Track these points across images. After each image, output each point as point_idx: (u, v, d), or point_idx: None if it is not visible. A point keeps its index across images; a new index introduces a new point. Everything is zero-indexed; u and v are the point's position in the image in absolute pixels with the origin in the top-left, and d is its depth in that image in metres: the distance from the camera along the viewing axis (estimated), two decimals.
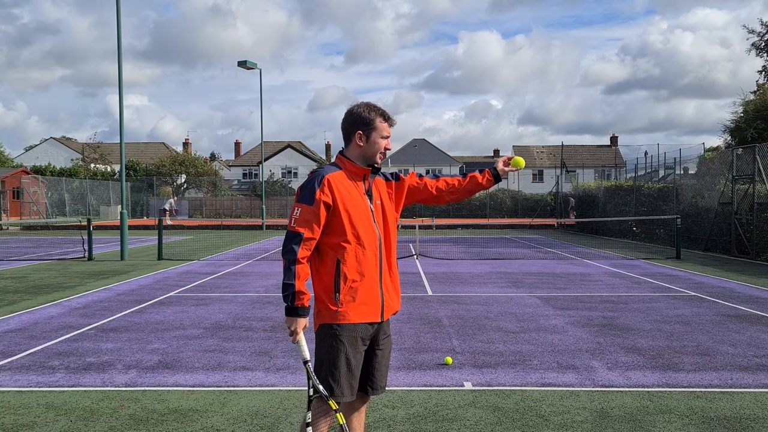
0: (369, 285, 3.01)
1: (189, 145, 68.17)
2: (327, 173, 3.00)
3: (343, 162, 3.09)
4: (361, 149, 3.06)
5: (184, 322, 7.92)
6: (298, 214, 2.93)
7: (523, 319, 8.09)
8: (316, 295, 3.04)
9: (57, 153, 61.72)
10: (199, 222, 36.63)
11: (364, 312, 3.00)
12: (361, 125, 3.05)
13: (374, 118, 3.06)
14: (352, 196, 3.01)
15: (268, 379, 5.43)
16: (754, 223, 16.20)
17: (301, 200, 2.95)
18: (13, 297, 9.96)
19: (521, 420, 4.43)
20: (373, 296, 3.03)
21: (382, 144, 3.08)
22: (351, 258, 2.97)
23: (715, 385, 5.24)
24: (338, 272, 2.97)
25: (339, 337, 2.98)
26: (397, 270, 3.22)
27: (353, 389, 3.02)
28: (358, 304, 2.99)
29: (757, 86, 30.16)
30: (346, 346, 2.98)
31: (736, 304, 9.23)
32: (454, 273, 13.12)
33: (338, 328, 2.98)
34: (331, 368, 2.98)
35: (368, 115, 3.06)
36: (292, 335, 3.02)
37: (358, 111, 3.08)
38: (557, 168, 45.99)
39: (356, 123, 3.06)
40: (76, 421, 4.43)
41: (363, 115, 3.06)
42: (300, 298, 2.93)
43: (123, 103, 16.61)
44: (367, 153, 3.07)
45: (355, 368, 3.01)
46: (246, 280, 11.97)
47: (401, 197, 3.27)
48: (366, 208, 3.05)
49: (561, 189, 37.59)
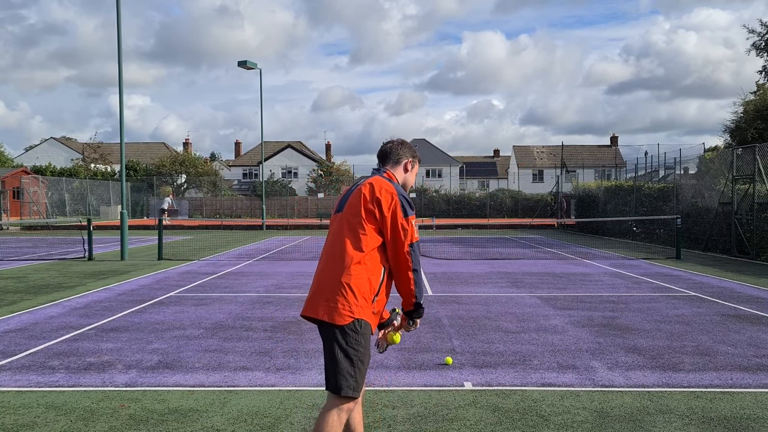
0: (386, 298, 3.29)
1: (189, 145, 68.18)
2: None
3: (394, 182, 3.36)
4: (406, 176, 3.47)
5: (184, 322, 7.92)
6: (416, 226, 3.23)
7: (523, 319, 8.09)
8: (357, 291, 3.08)
9: (57, 153, 61.71)
10: (199, 222, 36.63)
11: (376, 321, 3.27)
12: (411, 155, 3.49)
13: (417, 156, 3.53)
14: None
15: (268, 379, 5.43)
16: (754, 223, 16.20)
17: (409, 213, 3.19)
18: (13, 297, 9.96)
19: (521, 420, 4.43)
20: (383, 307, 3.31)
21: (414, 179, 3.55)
22: (390, 272, 3.26)
23: (715, 385, 5.24)
24: (383, 279, 3.19)
25: (366, 335, 3.13)
26: None
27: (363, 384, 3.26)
28: (378, 312, 3.24)
29: (757, 86, 30.15)
30: (368, 345, 3.15)
31: (736, 304, 9.23)
32: (454, 273, 13.12)
33: (366, 326, 3.13)
34: (360, 365, 3.10)
35: (416, 152, 3.54)
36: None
37: (412, 147, 3.53)
38: (557, 168, 45.97)
39: (409, 152, 3.48)
40: (76, 421, 4.43)
41: (415, 151, 3.54)
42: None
43: (123, 103, 16.60)
44: (408, 181, 3.49)
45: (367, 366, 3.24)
46: (246, 280, 11.97)
47: None
48: None
49: (561, 189, 37.60)
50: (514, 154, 69.90)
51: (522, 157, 67.87)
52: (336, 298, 3.06)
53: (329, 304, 3.07)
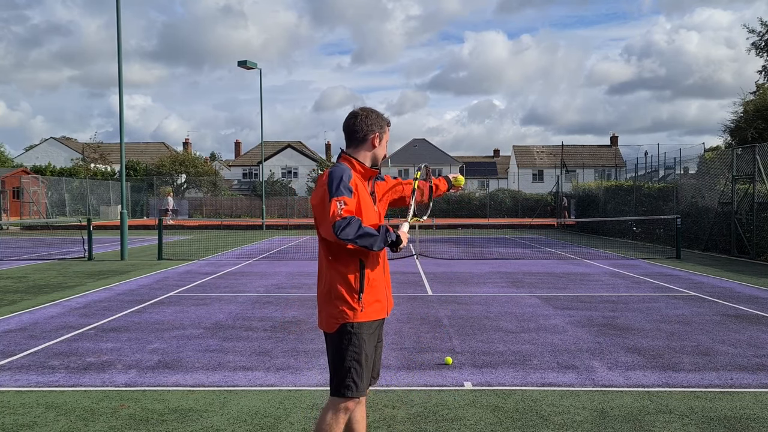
0: (381, 284, 3.16)
1: (189, 145, 68.18)
2: (349, 171, 3.03)
3: (352, 163, 3.13)
4: (374, 151, 3.18)
5: (184, 322, 7.92)
6: (344, 205, 2.89)
7: (523, 319, 8.09)
8: (338, 296, 3.06)
9: (57, 153, 61.69)
10: (199, 222, 36.63)
11: (378, 310, 3.14)
12: (377, 127, 3.17)
13: (385, 123, 3.22)
14: (365, 197, 3.09)
15: (268, 379, 5.42)
16: (754, 223, 16.19)
17: (340, 194, 2.91)
18: (13, 297, 9.96)
19: (521, 420, 4.43)
20: (383, 294, 3.18)
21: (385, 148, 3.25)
22: (370, 259, 3.09)
23: (715, 385, 5.24)
24: (362, 273, 3.05)
25: (361, 335, 3.06)
26: None
27: (368, 383, 3.15)
28: (374, 302, 3.11)
29: (756, 86, 30.13)
30: (366, 344, 3.08)
31: (736, 304, 9.23)
32: (454, 273, 13.12)
33: (359, 326, 3.06)
34: (356, 367, 3.05)
35: (383, 118, 3.20)
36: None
37: (376, 113, 3.19)
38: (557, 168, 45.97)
39: (375, 124, 3.16)
40: (76, 421, 4.43)
41: (381, 117, 3.19)
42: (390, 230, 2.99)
43: (123, 102, 16.60)
44: (378, 155, 3.20)
45: (371, 364, 3.14)
46: (246, 280, 11.96)
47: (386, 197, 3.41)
48: (375, 209, 3.16)
49: (561, 189, 37.59)
50: (514, 154, 69.89)
51: (522, 157, 67.87)
52: (325, 308, 3.11)
53: (322, 315, 3.14)
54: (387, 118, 3.24)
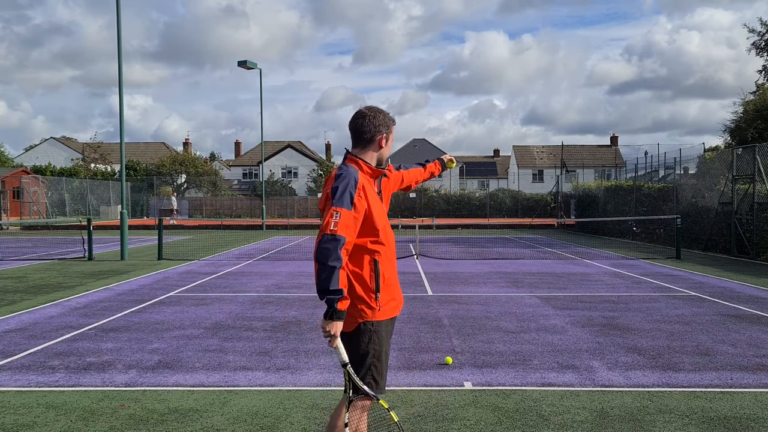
0: (395, 282, 3.20)
1: (189, 145, 68.18)
2: (356, 175, 3.02)
3: (359, 164, 3.12)
4: (381, 151, 3.18)
5: (184, 322, 7.92)
6: (338, 218, 2.87)
7: (523, 319, 8.09)
8: (355, 296, 3.05)
9: (57, 153, 61.70)
10: (199, 222, 36.63)
11: (393, 308, 3.17)
12: (385, 128, 3.16)
13: (391, 123, 3.22)
14: (375, 197, 3.10)
15: (268, 379, 5.43)
16: (754, 223, 16.20)
17: (339, 204, 2.90)
18: (13, 297, 9.96)
19: (521, 420, 4.43)
20: (398, 292, 3.22)
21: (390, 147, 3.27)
22: (384, 257, 3.10)
23: (715, 385, 5.24)
24: (377, 272, 3.06)
25: (380, 334, 3.09)
26: None
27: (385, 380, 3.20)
28: (390, 300, 3.14)
29: (756, 86, 30.12)
30: (385, 342, 3.11)
31: (736, 304, 9.23)
32: (454, 273, 13.12)
33: (378, 325, 3.08)
34: (377, 364, 3.08)
35: (390, 118, 3.20)
36: (332, 339, 2.93)
37: (383, 113, 3.18)
38: (557, 168, 45.98)
39: (382, 125, 3.15)
40: (76, 421, 4.43)
41: (387, 117, 3.19)
42: (344, 303, 2.88)
43: (123, 102, 16.60)
44: (384, 155, 3.21)
45: (388, 361, 3.18)
46: (246, 280, 11.97)
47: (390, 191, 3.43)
48: (383, 208, 3.20)
49: (561, 189, 37.58)
50: (514, 154, 69.88)
51: (522, 157, 67.86)
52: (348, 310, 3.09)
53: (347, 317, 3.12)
54: (392, 117, 3.24)
